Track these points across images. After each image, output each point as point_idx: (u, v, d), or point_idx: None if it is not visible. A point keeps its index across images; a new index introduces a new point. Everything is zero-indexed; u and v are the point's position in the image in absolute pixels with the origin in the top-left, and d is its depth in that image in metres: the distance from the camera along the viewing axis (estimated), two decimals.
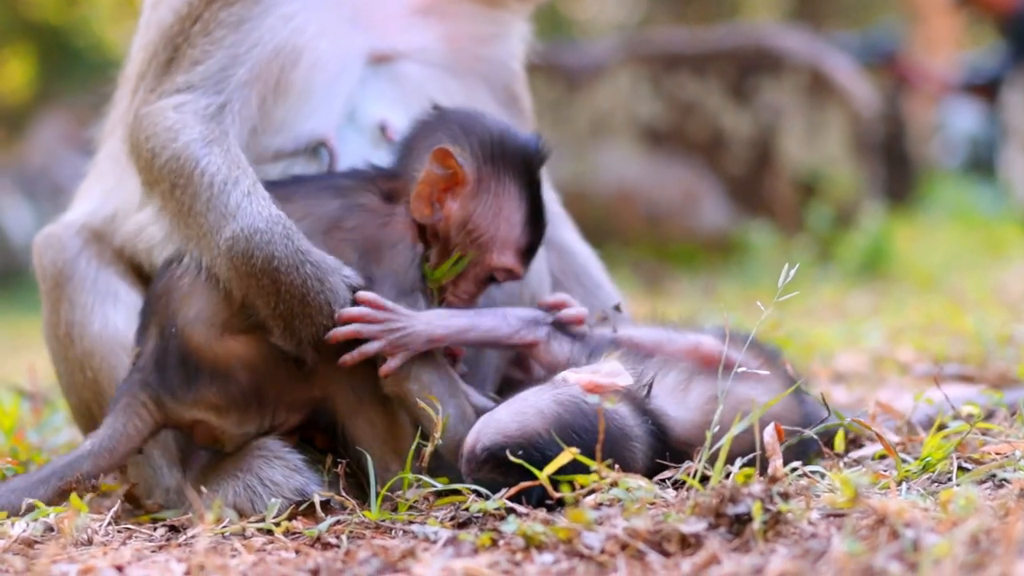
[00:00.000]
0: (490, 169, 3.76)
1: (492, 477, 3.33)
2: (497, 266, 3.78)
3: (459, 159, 3.70)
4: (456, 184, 3.72)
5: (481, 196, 3.75)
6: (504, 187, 3.77)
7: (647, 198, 11.45)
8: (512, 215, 3.78)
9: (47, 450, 4.62)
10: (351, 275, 3.61)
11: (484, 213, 3.75)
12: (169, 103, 3.79)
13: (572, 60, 11.89)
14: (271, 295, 3.57)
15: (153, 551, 3.25)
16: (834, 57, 12.09)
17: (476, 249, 3.76)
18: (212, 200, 3.63)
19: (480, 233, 3.75)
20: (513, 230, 3.78)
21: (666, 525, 2.91)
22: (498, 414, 3.42)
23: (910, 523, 2.72)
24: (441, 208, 3.72)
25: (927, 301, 8.37)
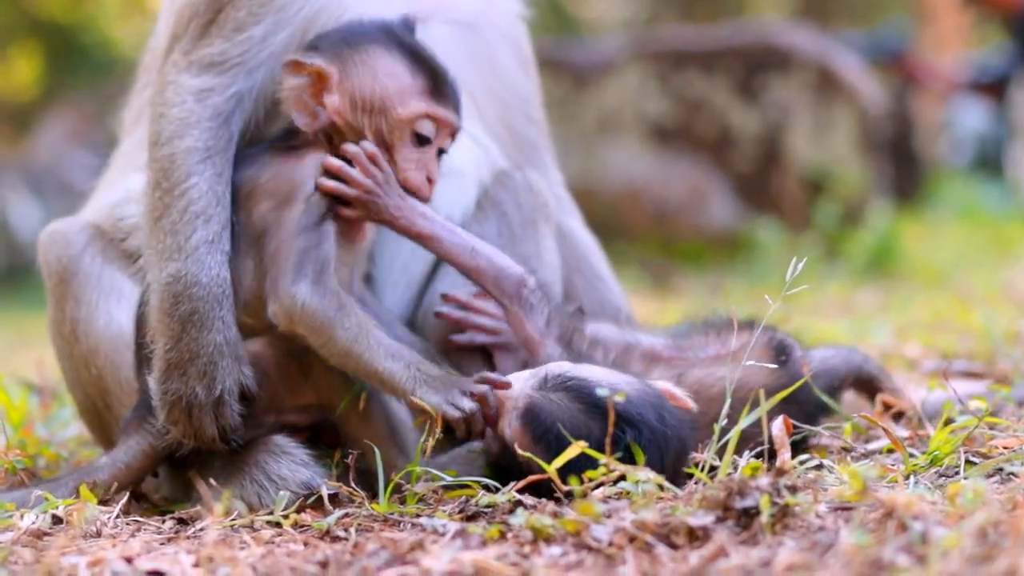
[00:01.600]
0: (347, 48, 3.71)
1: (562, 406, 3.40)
2: (409, 117, 3.69)
3: (307, 60, 3.67)
4: (321, 80, 3.68)
5: (350, 72, 3.69)
6: (368, 52, 3.71)
7: (654, 195, 11.44)
8: (390, 67, 3.70)
9: (56, 444, 4.63)
10: (247, 376, 3.62)
11: (362, 82, 3.69)
12: (195, 84, 3.79)
13: (580, 57, 11.89)
14: (172, 340, 3.63)
15: (162, 543, 3.26)
16: (842, 55, 12.08)
17: (380, 117, 3.69)
18: (178, 225, 3.66)
19: (371, 100, 3.69)
20: (400, 78, 3.70)
21: (674, 518, 2.91)
22: (588, 367, 3.52)
23: (918, 516, 2.72)
24: (323, 108, 3.69)
25: (934, 298, 8.37)
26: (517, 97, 4.22)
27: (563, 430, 3.34)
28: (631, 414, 3.33)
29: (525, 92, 4.25)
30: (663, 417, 3.37)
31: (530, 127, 4.27)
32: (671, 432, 3.36)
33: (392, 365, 3.51)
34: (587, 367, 3.50)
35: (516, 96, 4.21)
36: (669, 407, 3.42)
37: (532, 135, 4.28)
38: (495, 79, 4.16)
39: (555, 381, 3.43)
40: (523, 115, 4.25)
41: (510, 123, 4.19)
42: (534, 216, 4.11)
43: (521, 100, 4.24)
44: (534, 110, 4.29)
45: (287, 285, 3.56)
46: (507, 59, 4.19)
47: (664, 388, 3.47)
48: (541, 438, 3.39)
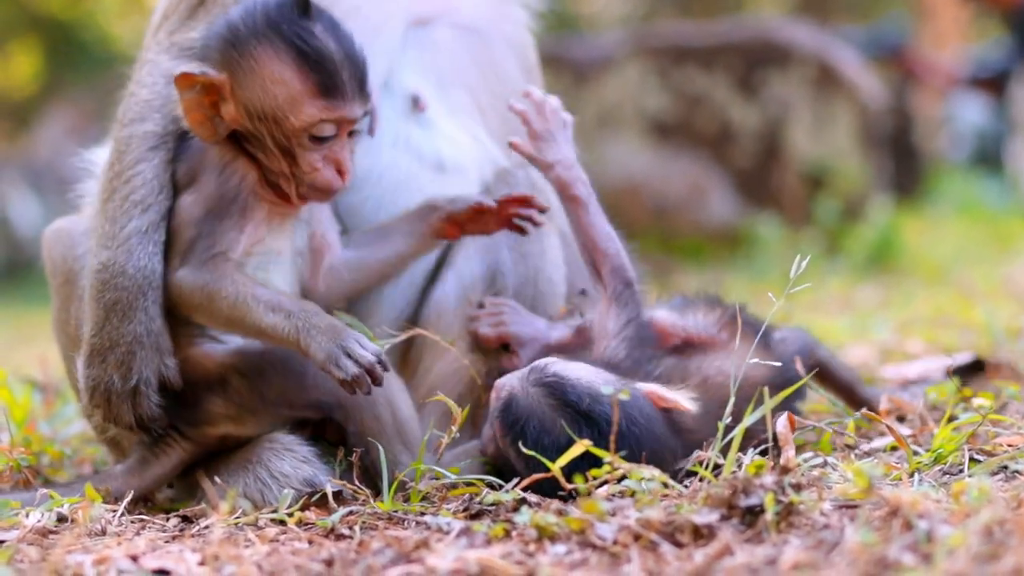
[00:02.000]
0: (234, 53, 3.60)
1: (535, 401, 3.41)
2: (301, 124, 3.59)
3: (196, 71, 3.58)
4: (214, 91, 3.60)
5: (242, 81, 3.59)
6: (255, 56, 3.59)
7: (654, 191, 11.43)
8: (277, 72, 3.58)
9: (59, 441, 4.63)
10: (170, 367, 3.65)
11: (254, 92, 3.59)
12: (170, 67, 3.77)
13: (579, 53, 11.88)
14: (96, 326, 3.68)
15: (167, 541, 3.27)
16: (842, 51, 12.07)
17: (276, 124, 3.60)
18: (117, 213, 3.70)
19: (265, 109, 3.59)
20: (289, 84, 3.58)
21: (679, 516, 2.91)
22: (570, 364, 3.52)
23: (923, 514, 2.72)
24: (222, 119, 3.62)
25: (935, 294, 8.37)
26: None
27: (530, 426, 3.38)
28: (596, 414, 3.35)
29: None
30: (633, 418, 3.36)
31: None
32: (641, 433, 3.36)
33: (274, 318, 3.49)
34: (575, 365, 3.51)
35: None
36: (644, 409, 3.42)
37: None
38: (498, 84, 4.16)
39: (536, 376, 3.46)
40: None
41: (513, 127, 4.19)
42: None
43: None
44: None
45: (171, 272, 3.61)
46: (511, 65, 4.20)
47: (649, 391, 3.47)
48: (510, 430, 3.43)
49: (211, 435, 3.69)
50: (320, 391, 3.62)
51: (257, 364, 3.62)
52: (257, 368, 3.62)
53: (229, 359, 3.63)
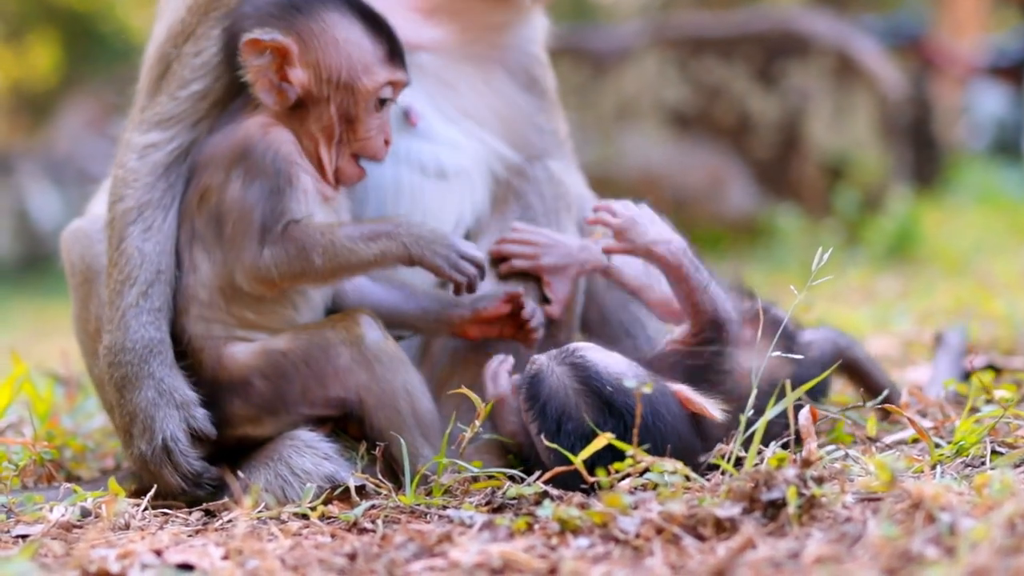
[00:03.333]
0: (300, 17, 3.67)
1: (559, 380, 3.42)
2: (374, 87, 3.70)
3: (266, 37, 3.62)
4: (284, 55, 3.65)
5: (311, 44, 3.67)
6: (323, 20, 3.68)
7: (673, 182, 11.42)
8: (350, 35, 3.69)
9: (81, 435, 4.64)
10: (199, 417, 3.66)
11: (327, 54, 3.67)
12: (140, 142, 3.82)
13: (598, 44, 11.86)
14: (116, 407, 3.72)
15: (190, 535, 3.27)
16: (861, 40, 12.04)
17: (346, 89, 3.69)
18: (113, 295, 3.76)
19: (337, 73, 3.68)
20: (362, 46, 3.70)
21: (701, 509, 2.91)
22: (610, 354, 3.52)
23: (946, 507, 2.72)
24: (290, 84, 3.67)
25: (955, 284, 8.35)
26: (520, 113, 4.19)
27: (552, 406, 3.38)
28: (619, 404, 3.35)
29: (529, 109, 4.21)
30: (659, 414, 3.36)
31: (542, 135, 4.23)
32: (666, 429, 3.35)
33: (379, 245, 3.57)
34: (607, 354, 3.51)
35: (519, 112, 4.19)
36: (671, 407, 3.42)
37: (545, 142, 4.24)
38: (495, 99, 4.14)
39: (567, 356, 3.46)
40: (530, 127, 4.21)
41: (519, 132, 4.17)
42: (556, 206, 4.11)
43: (524, 116, 4.20)
44: (545, 121, 4.25)
45: (252, 259, 3.59)
46: (507, 84, 4.18)
47: (678, 391, 3.47)
48: (532, 405, 3.43)
49: (229, 436, 3.70)
50: (340, 387, 3.62)
51: (280, 365, 3.63)
52: (280, 369, 3.62)
53: (253, 360, 3.64)
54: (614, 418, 3.33)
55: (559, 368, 3.43)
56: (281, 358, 3.63)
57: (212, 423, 3.66)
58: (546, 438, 3.36)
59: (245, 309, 3.66)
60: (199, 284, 3.67)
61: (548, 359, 3.47)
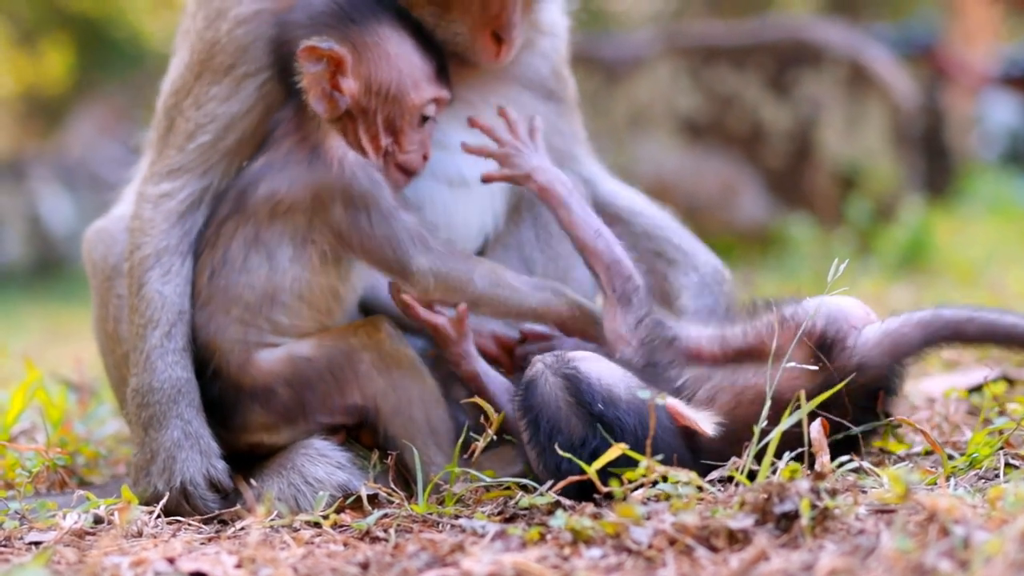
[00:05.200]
0: (355, 28, 3.73)
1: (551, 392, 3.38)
2: (421, 103, 3.77)
3: (323, 45, 3.67)
4: (338, 65, 3.70)
5: (364, 56, 3.73)
6: (378, 33, 3.75)
7: (686, 191, 11.41)
8: (402, 50, 3.76)
9: (94, 441, 4.65)
10: (219, 468, 3.67)
11: (378, 67, 3.74)
12: (154, 192, 3.88)
13: (611, 52, 11.86)
14: (139, 445, 3.73)
15: (203, 543, 3.28)
16: (873, 50, 12.04)
17: (394, 102, 3.75)
18: (137, 339, 3.79)
19: (387, 86, 3.74)
20: (413, 62, 3.77)
21: (714, 521, 2.91)
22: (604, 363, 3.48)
23: (960, 520, 2.71)
24: (341, 93, 3.71)
25: (968, 295, 8.32)
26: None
27: (544, 417, 3.37)
28: (607, 417, 3.33)
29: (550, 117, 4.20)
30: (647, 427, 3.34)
31: (563, 139, 4.23)
32: (657, 445, 3.32)
33: (543, 296, 3.70)
34: (602, 364, 3.48)
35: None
36: (662, 421, 3.37)
37: (567, 144, 4.24)
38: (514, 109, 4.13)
39: (560, 366, 3.43)
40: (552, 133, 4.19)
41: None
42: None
43: (545, 124, 4.17)
44: (566, 125, 4.26)
45: (406, 268, 3.63)
46: (525, 95, 4.18)
47: (670, 405, 3.44)
48: (525, 414, 3.42)
49: (242, 443, 3.70)
50: (360, 394, 3.63)
51: (304, 372, 3.64)
52: (304, 376, 3.63)
53: (278, 367, 3.64)
54: (602, 434, 3.30)
55: (553, 379, 3.40)
56: (306, 365, 3.64)
57: (230, 476, 3.67)
58: (535, 449, 3.37)
59: (282, 314, 3.67)
60: (248, 285, 3.67)
61: (544, 367, 3.44)
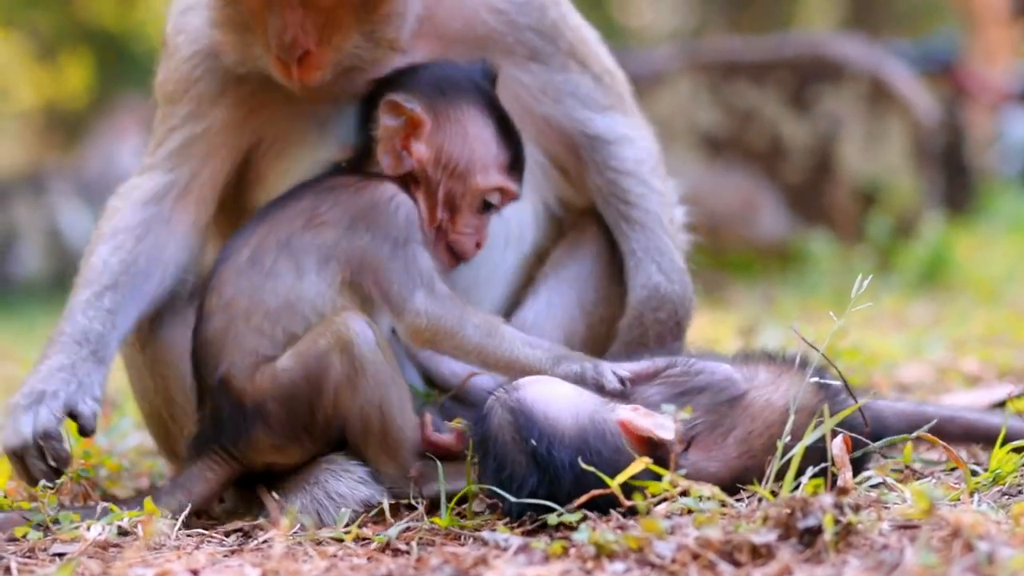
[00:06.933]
0: (442, 100, 3.77)
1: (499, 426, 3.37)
2: (485, 188, 3.79)
3: (407, 104, 3.71)
4: (415, 127, 3.73)
5: (443, 127, 3.76)
6: (462, 111, 3.78)
7: (705, 206, 11.29)
8: (480, 133, 3.79)
9: (117, 454, 4.65)
10: (88, 405, 3.73)
11: (452, 142, 3.77)
12: (126, 187, 4.05)
13: (631, 68, 11.71)
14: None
15: (226, 555, 3.28)
16: (894, 66, 12.03)
17: (459, 179, 3.77)
18: (70, 296, 3.92)
19: (456, 162, 3.77)
20: (488, 147, 3.79)
21: (737, 535, 2.90)
22: (555, 388, 3.45)
23: (984, 536, 2.71)
24: (409, 154, 3.74)
25: (989, 312, 8.32)
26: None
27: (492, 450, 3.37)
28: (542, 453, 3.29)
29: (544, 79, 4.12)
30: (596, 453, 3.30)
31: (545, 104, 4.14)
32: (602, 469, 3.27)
33: (531, 352, 3.62)
34: (554, 390, 3.45)
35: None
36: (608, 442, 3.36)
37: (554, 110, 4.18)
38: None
39: (509, 397, 3.41)
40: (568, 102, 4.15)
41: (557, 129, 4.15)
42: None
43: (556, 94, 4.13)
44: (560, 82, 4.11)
45: (404, 303, 3.64)
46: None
47: (621, 421, 3.39)
48: (479, 448, 3.44)
49: (258, 462, 3.70)
50: (338, 403, 3.60)
51: (284, 385, 3.59)
52: (285, 389, 3.59)
53: (266, 383, 3.61)
54: (540, 471, 3.29)
55: (501, 411, 3.39)
56: (285, 377, 3.60)
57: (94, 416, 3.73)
58: (486, 481, 3.38)
59: (302, 327, 3.64)
60: (272, 291, 3.65)
61: (496, 400, 3.43)
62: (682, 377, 3.62)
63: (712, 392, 3.57)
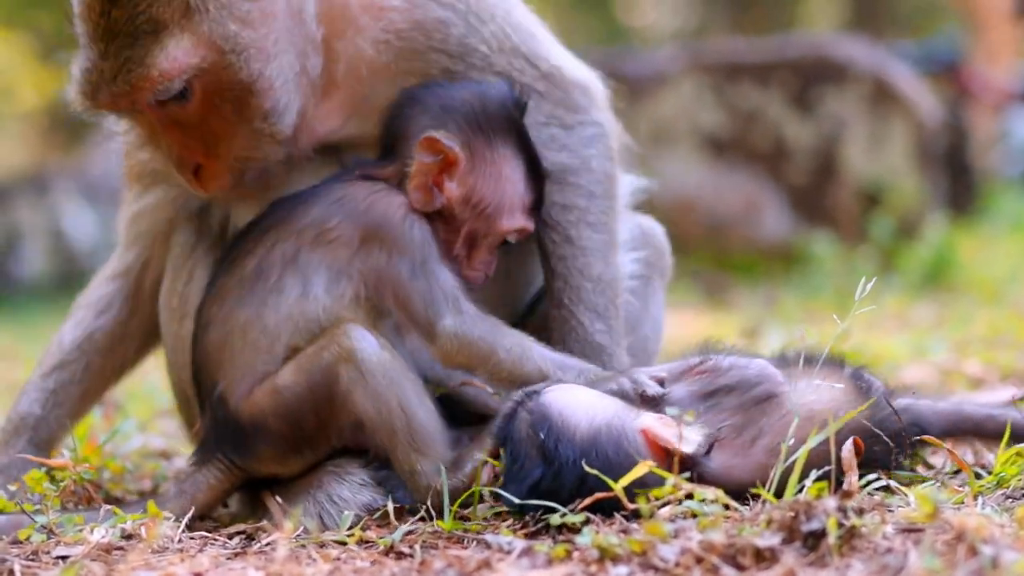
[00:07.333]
0: (480, 139, 3.75)
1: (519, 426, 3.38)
2: (509, 229, 3.80)
3: (446, 142, 3.69)
4: (450, 166, 3.71)
5: (478, 169, 3.75)
6: (497, 152, 3.77)
7: (709, 207, 11.42)
8: (513, 175, 3.79)
9: (120, 456, 4.65)
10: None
11: (485, 184, 3.76)
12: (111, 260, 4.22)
13: (634, 69, 11.86)
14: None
15: (229, 558, 3.28)
16: (897, 67, 12.03)
17: (485, 220, 3.76)
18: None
19: (486, 204, 3.76)
20: (518, 191, 3.79)
21: (740, 539, 2.90)
22: (575, 393, 3.44)
23: (988, 540, 2.70)
24: (441, 192, 3.72)
25: (991, 313, 8.31)
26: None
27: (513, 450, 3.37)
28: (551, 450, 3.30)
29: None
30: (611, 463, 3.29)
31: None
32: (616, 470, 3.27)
33: (564, 375, 3.59)
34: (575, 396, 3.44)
35: None
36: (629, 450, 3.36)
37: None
38: None
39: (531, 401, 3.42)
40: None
41: None
42: (649, 271, 4.18)
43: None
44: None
45: (433, 327, 3.62)
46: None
47: (644, 429, 3.38)
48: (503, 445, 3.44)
49: (260, 471, 3.69)
50: (348, 412, 3.59)
51: (287, 402, 3.58)
52: (288, 406, 3.58)
53: (265, 401, 3.60)
54: (545, 465, 3.30)
55: (522, 411, 3.41)
56: (289, 393, 3.59)
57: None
58: (504, 480, 3.38)
59: (304, 342, 3.64)
60: (273, 306, 3.64)
61: (515, 403, 3.46)
62: (713, 375, 3.61)
63: (742, 390, 3.56)
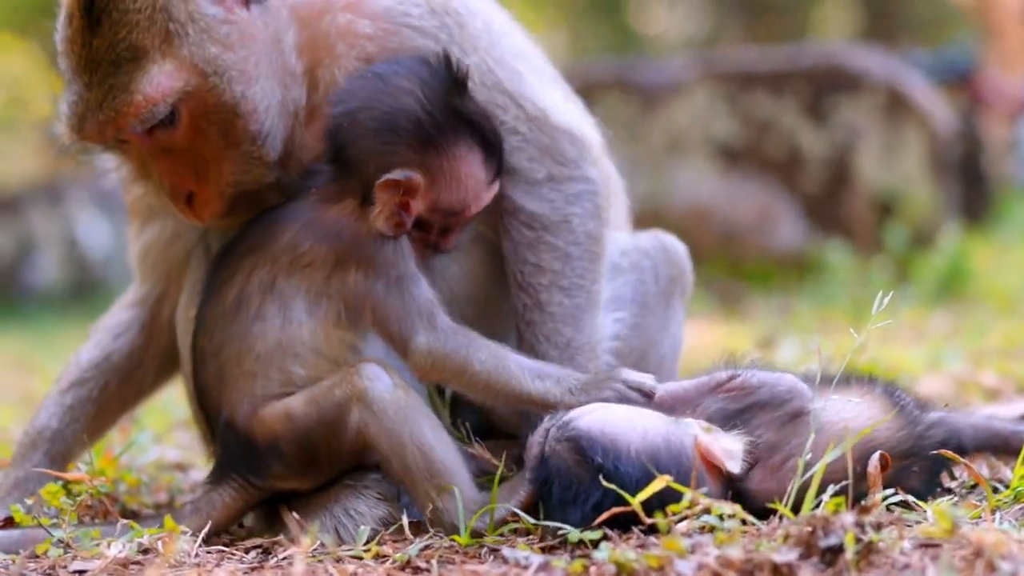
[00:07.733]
0: (433, 154, 3.69)
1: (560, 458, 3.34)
2: (477, 208, 3.80)
3: (403, 177, 3.65)
4: (412, 191, 3.68)
5: (438, 182, 3.71)
6: (452, 157, 3.71)
7: (722, 216, 11.41)
8: (472, 170, 3.75)
9: (136, 469, 4.66)
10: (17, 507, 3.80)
11: (448, 190, 3.73)
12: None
13: (647, 78, 11.86)
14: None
15: (246, 573, 3.28)
16: (911, 76, 12.02)
17: (454, 215, 3.77)
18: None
19: (452, 204, 3.74)
20: (480, 179, 3.77)
21: (758, 554, 2.89)
22: (611, 411, 3.42)
23: (1007, 556, 2.70)
24: (408, 213, 3.69)
25: (1008, 323, 8.28)
26: None
27: (556, 484, 3.33)
28: (610, 471, 3.26)
29: None
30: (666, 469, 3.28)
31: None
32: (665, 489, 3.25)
33: (543, 385, 3.58)
34: (610, 413, 3.43)
35: None
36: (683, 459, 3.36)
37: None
38: None
39: (560, 432, 3.37)
40: None
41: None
42: (671, 288, 4.16)
43: None
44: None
45: (407, 343, 3.62)
46: None
47: (699, 442, 3.38)
48: (541, 487, 3.38)
49: (278, 487, 3.69)
50: (361, 442, 3.58)
51: (301, 429, 3.58)
52: (302, 433, 3.58)
53: (278, 426, 3.60)
54: (602, 487, 3.25)
55: (557, 446, 3.35)
56: (301, 422, 3.59)
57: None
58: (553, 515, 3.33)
59: (298, 366, 3.64)
60: (260, 335, 3.65)
61: (543, 438, 3.40)
62: (742, 391, 3.59)
63: (773, 407, 3.54)
